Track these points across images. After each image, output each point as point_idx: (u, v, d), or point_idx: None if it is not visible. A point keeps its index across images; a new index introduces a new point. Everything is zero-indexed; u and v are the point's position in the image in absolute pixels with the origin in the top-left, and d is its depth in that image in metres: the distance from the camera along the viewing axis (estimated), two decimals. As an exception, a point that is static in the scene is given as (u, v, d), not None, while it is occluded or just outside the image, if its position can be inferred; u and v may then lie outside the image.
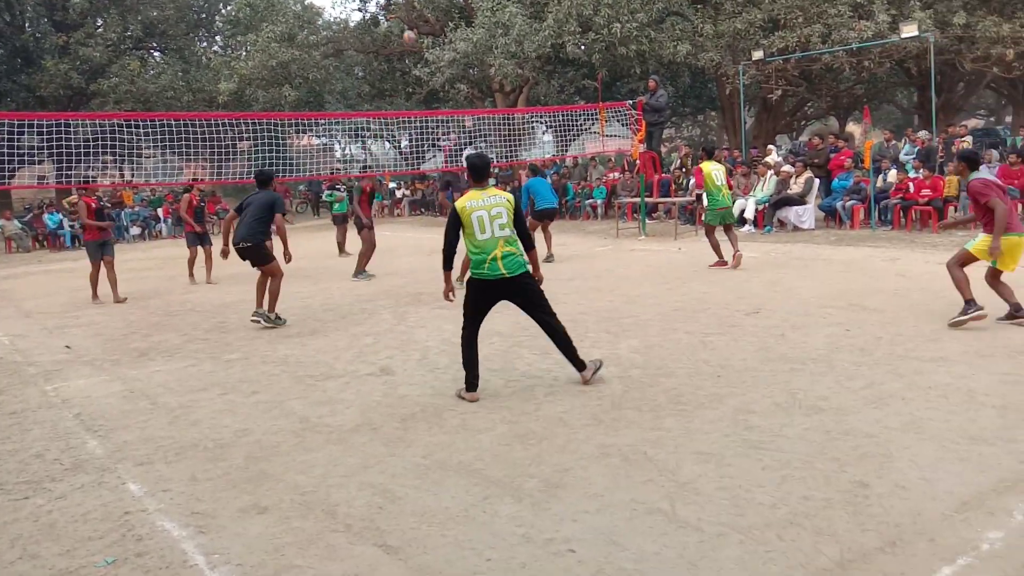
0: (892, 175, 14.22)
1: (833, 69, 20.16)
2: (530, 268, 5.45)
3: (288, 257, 8.65)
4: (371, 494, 3.93)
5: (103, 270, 10.78)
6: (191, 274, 12.21)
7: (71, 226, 21.75)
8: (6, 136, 11.04)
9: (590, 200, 19.99)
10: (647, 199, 15.84)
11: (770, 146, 18.94)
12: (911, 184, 13.58)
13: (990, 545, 3.11)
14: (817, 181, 14.79)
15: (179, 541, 3.54)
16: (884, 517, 3.38)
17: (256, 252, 8.25)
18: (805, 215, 14.42)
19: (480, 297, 5.43)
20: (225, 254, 8.56)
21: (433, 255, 12.41)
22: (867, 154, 13.76)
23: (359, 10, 30.60)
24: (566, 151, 22.03)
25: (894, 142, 16.60)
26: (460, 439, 4.64)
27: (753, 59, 18.14)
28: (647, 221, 15.74)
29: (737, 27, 18.83)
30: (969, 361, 5.56)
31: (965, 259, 6.66)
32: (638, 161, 15.50)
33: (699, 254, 12.14)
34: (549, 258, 12.04)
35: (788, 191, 14.65)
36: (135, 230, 23.18)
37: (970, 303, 6.53)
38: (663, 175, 17.32)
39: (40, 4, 30.25)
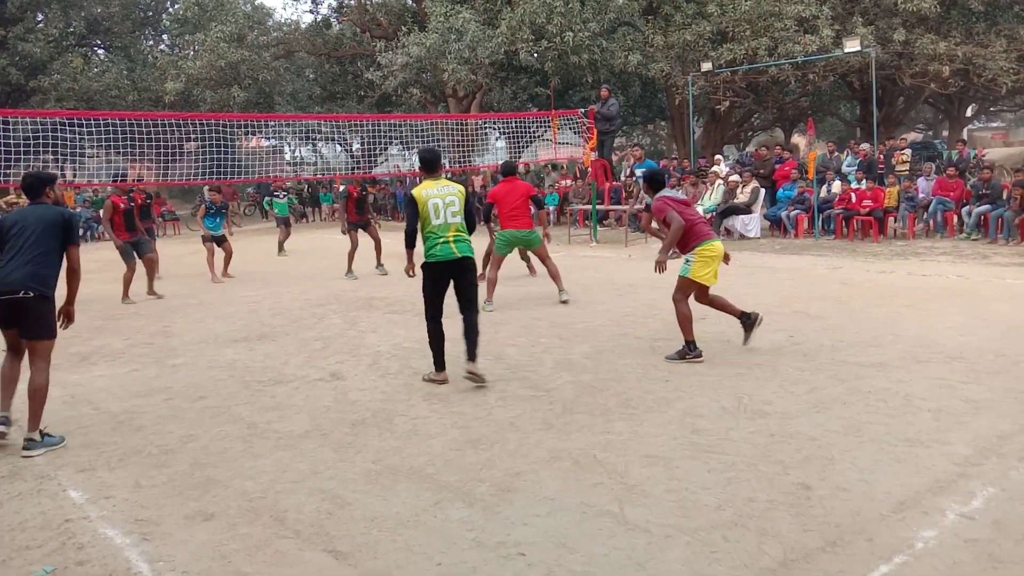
0: (836, 186, 14.62)
1: (779, 82, 20.66)
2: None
3: (70, 317, 5.26)
4: (321, 500, 3.90)
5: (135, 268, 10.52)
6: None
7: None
8: (-59, 133, 10.64)
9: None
10: (598, 206, 16.00)
11: (718, 156, 19.29)
12: (853, 195, 13.98)
13: (924, 544, 3.23)
14: (763, 191, 15.14)
15: (122, 549, 3.47)
16: (825, 518, 3.48)
17: (39, 310, 4.96)
18: (751, 224, 14.73)
19: (435, 278, 5.84)
20: None
21: (387, 260, 12.36)
22: (811, 165, 14.13)
23: (311, 12, 30.24)
24: (519, 157, 22.12)
25: (837, 154, 17.07)
26: (411, 444, 4.63)
27: (702, 70, 18.46)
28: (598, 228, 15.89)
29: (687, 39, 19.15)
30: (907, 366, 5.75)
31: (688, 289, 6.28)
32: (590, 169, 15.65)
33: (649, 261, 12.29)
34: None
35: (735, 200, 14.95)
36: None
37: (690, 344, 6.20)
38: (614, 183, 17.53)
39: (-23, -3, 29.30)
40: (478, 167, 21.79)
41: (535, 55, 20.56)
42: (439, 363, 5.89)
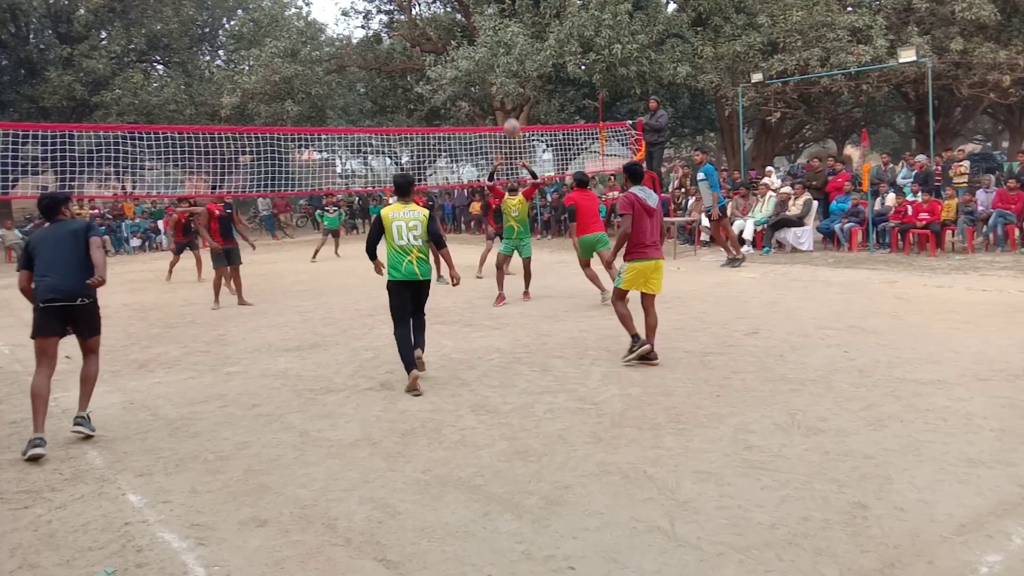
0: (890, 198, 14.30)
1: (831, 92, 20.34)
2: (433, 276, 6.76)
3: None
4: (371, 508, 3.93)
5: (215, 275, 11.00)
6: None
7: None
8: (9, 146, 11.05)
9: (589, 218, 20.03)
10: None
11: (768, 168, 19.03)
12: (909, 207, 13.66)
13: (989, 568, 3.13)
14: (815, 203, 14.88)
15: (179, 553, 3.54)
16: (883, 539, 3.40)
17: (91, 312, 5.56)
18: (803, 237, 14.49)
19: (398, 295, 6.40)
20: None
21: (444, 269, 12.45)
22: (865, 177, 13.85)
23: (362, 27, 30.77)
24: (565, 169, 22.13)
25: (891, 165, 16.71)
26: (460, 455, 4.65)
27: (752, 81, 18.28)
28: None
29: (737, 50, 18.99)
30: (967, 384, 5.58)
31: (621, 294, 6.76)
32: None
33: (698, 273, 12.18)
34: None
35: (787, 212, 14.72)
36: (135, 242, 23.22)
37: (634, 337, 6.68)
38: (662, 195, 17.40)
39: (45, 16, 30.43)
40: (525, 179, 21.84)
41: (583, 67, 20.59)
42: (408, 365, 6.21)
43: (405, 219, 6.34)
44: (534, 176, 11.05)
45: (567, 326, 8.43)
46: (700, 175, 13.34)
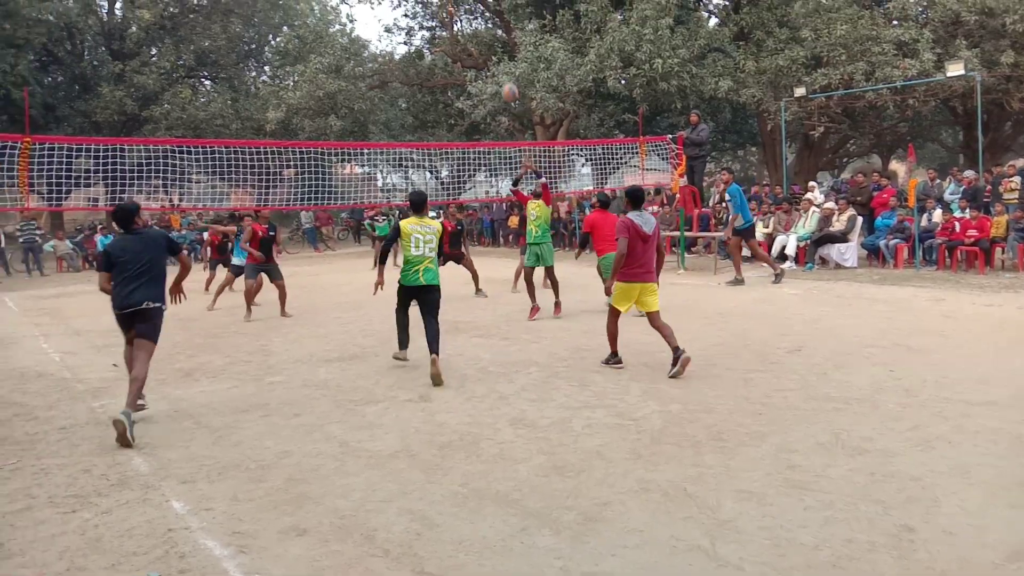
0: (937, 214, 14.02)
1: (876, 107, 20.04)
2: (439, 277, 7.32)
3: (182, 291, 6.75)
4: (409, 520, 3.95)
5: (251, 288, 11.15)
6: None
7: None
8: (65, 159, 11.40)
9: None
10: (687, 233, 15.80)
11: (811, 183, 18.79)
12: (957, 224, 13.37)
13: (1043, 596, 3.03)
14: (860, 219, 14.64)
15: (221, 560, 3.59)
16: (931, 563, 3.31)
17: (153, 317, 6.17)
18: (848, 253, 14.25)
19: (404, 296, 7.36)
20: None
21: (468, 285, 12.51)
22: (911, 193, 13.59)
23: (405, 43, 31.17)
24: (604, 184, 22.12)
25: (939, 181, 16.37)
26: (497, 468, 4.65)
27: (795, 95, 18.10)
28: (686, 255, 15.68)
29: (779, 64, 18.83)
30: (1019, 406, 5.43)
31: (614, 311, 7.09)
32: (678, 195, 15.49)
33: (739, 289, 12.05)
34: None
35: (830, 228, 14.51)
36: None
37: (614, 354, 7.16)
38: (703, 209, 17.26)
39: (99, 34, 31.42)
40: (563, 193, 21.86)
41: (623, 82, 20.58)
42: (403, 342, 7.43)
43: (422, 232, 7.10)
44: (538, 175, 10.99)
45: (605, 340, 8.38)
46: (727, 196, 13.16)
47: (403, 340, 7.49)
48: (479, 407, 6.01)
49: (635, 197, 7.15)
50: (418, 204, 7.30)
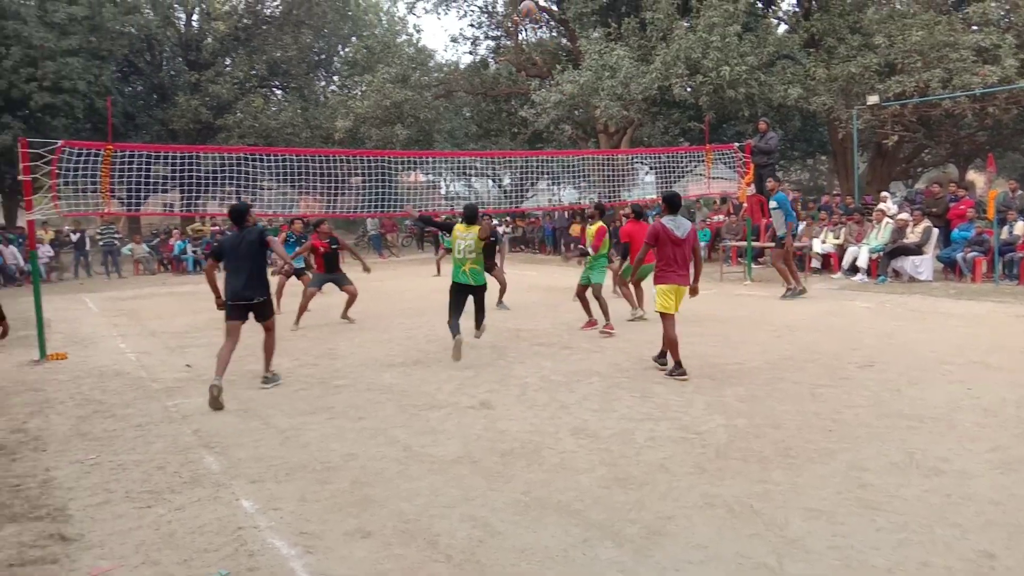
0: (1019, 227, 13.44)
1: (953, 115, 19.31)
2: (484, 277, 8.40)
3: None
4: (471, 526, 3.97)
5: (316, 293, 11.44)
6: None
7: (194, 252, 23.07)
8: (142, 166, 11.82)
9: (693, 243, 19.73)
10: (754, 243, 15.52)
11: (884, 193, 18.24)
12: (1040, 237, 12.81)
13: None
14: (936, 231, 14.15)
15: (288, 559, 3.67)
16: (1013, 591, 3.17)
17: (266, 304, 7.29)
18: (922, 266, 13.79)
19: (455, 292, 8.26)
20: (221, 305, 7.22)
21: (531, 291, 12.53)
22: (991, 204, 13.08)
23: (470, 53, 31.40)
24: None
25: (1021, 192, 15.70)
26: (559, 478, 4.63)
27: (868, 104, 17.63)
28: (753, 266, 15.41)
29: (851, 71, 18.37)
30: (1109, 429, 5.16)
31: (664, 318, 7.22)
32: (745, 204, 15.23)
33: (808, 302, 11.77)
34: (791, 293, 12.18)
35: (904, 240, 14.07)
36: (250, 257, 24.30)
37: (678, 364, 7.14)
38: (768, 219, 16.91)
39: (176, 45, 32.61)
40: (625, 202, 21.72)
41: (689, 89, 20.35)
42: (455, 332, 8.05)
43: (464, 238, 8.13)
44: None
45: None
46: (772, 203, 12.70)
47: (456, 332, 8.10)
48: (540, 415, 6.00)
49: (671, 202, 7.39)
50: (469, 216, 8.26)
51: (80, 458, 5.28)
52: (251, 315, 7.19)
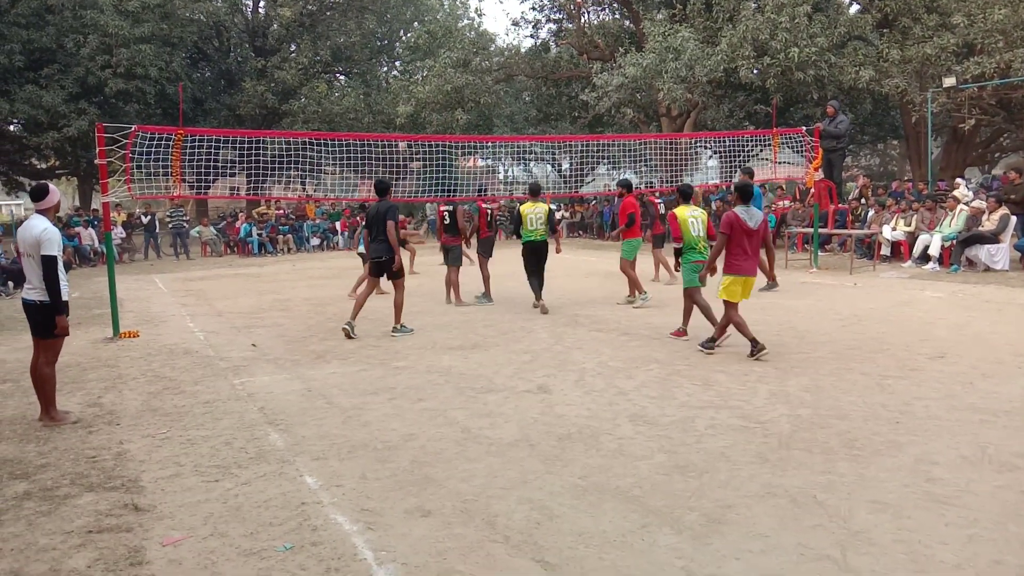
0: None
1: (1037, 98, 18.49)
2: (549, 240, 10.53)
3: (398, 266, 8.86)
4: (529, 509, 3.98)
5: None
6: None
7: (259, 234, 23.62)
8: (210, 150, 12.12)
9: (756, 229, 19.36)
10: (821, 230, 15.13)
11: (958, 179, 17.55)
12: None
13: None
14: (1014, 219, 13.56)
15: (350, 535, 3.74)
16: (1093, 593, 3.05)
17: (391, 264, 8.87)
18: (998, 255, 13.24)
19: (528, 253, 10.49)
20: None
21: (590, 277, 12.46)
22: (1076, 191, 12.47)
23: (531, 36, 31.23)
24: (732, 177, 21.50)
25: (1108, 178, 14.93)
26: (617, 463, 4.61)
27: (944, 86, 16.98)
28: (819, 253, 15.03)
29: (927, 52, 17.70)
30: None
31: (727, 305, 7.36)
32: (812, 189, 14.85)
33: (877, 291, 11.44)
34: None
35: (979, 228, 13.53)
36: (315, 241, 24.79)
37: (753, 341, 7.24)
38: (840, 205, 16.46)
39: (243, 31, 33.31)
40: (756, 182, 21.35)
41: (756, 72, 19.89)
42: (537, 295, 10.47)
43: (534, 211, 10.29)
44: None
45: (730, 340, 8.17)
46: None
47: (537, 292, 10.41)
48: (598, 401, 5.98)
49: (744, 192, 7.43)
50: (534, 192, 10.55)
51: (152, 432, 5.48)
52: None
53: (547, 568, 3.37)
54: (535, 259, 10.37)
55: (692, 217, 8.34)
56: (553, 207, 10.34)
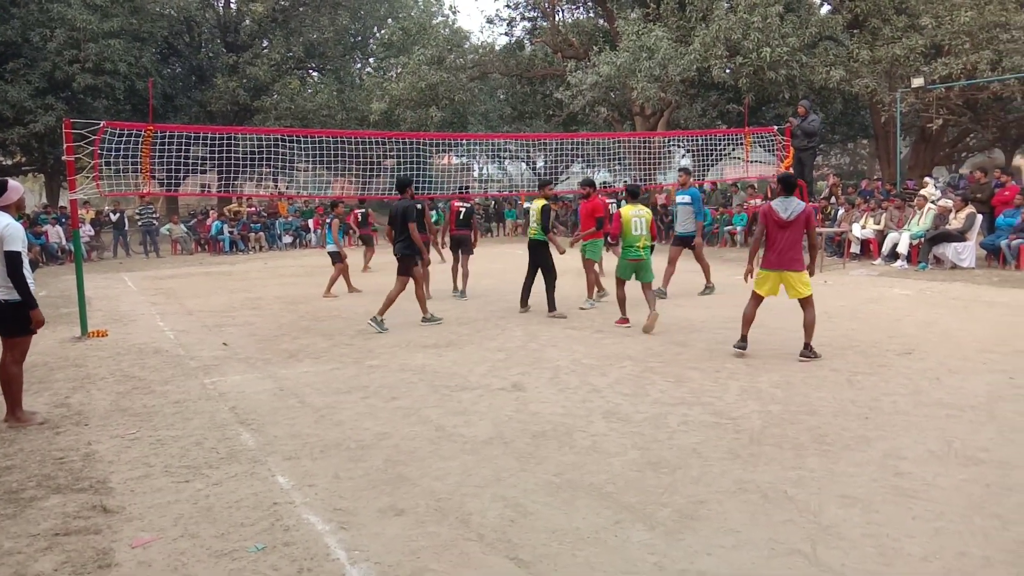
0: (1068, 214, 13.08)
1: (1002, 98, 18.85)
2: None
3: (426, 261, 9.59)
4: (503, 507, 3.99)
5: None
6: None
7: (230, 232, 23.37)
8: (181, 147, 11.97)
9: (729, 227, 19.55)
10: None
11: (926, 178, 17.85)
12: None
13: None
14: (979, 217, 13.82)
15: (323, 535, 3.72)
16: (1055, 584, 3.11)
17: (407, 260, 9.23)
18: (965, 253, 13.49)
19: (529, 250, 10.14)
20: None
21: (563, 276, 12.44)
22: (1039, 190, 12.73)
23: (506, 34, 31.24)
24: (704, 176, 21.67)
25: (1071, 178, 15.28)
26: (591, 460, 4.63)
27: (912, 86, 17.24)
28: (789, 251, 15.17)
29: (896, 53, 17.97)
30: None
31: (754, 296, 7.30)
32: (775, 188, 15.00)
33: (847, 288, 11.59)
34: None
35: (947, 226, 13.76)
36: (287, 239, 24.58)
37: (742, 339, 7.28)
38: (812, 204, 16.64)
39: (215, 26, 32.93)
40: (661, 185, 21.55)
41: (728, 71, 20.07)
42: (522, 302, 10.18)
43: (533, 208, 9.91)
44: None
45: (703, 337, 8.25)
46: (685, 197, 11.48)
47: (522, 297, 10.19)
48: (572, 399, 6.00)
49: (787, 184, 7.22)
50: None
51: (121, 433, 5.40)
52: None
53: (521, 565, 3.38)
54: (530, 258, 9.97)
55: (636, 217, 8.90)
56: (547, 203, 9.87)
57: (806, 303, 7.06)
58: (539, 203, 9.86)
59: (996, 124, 22.87)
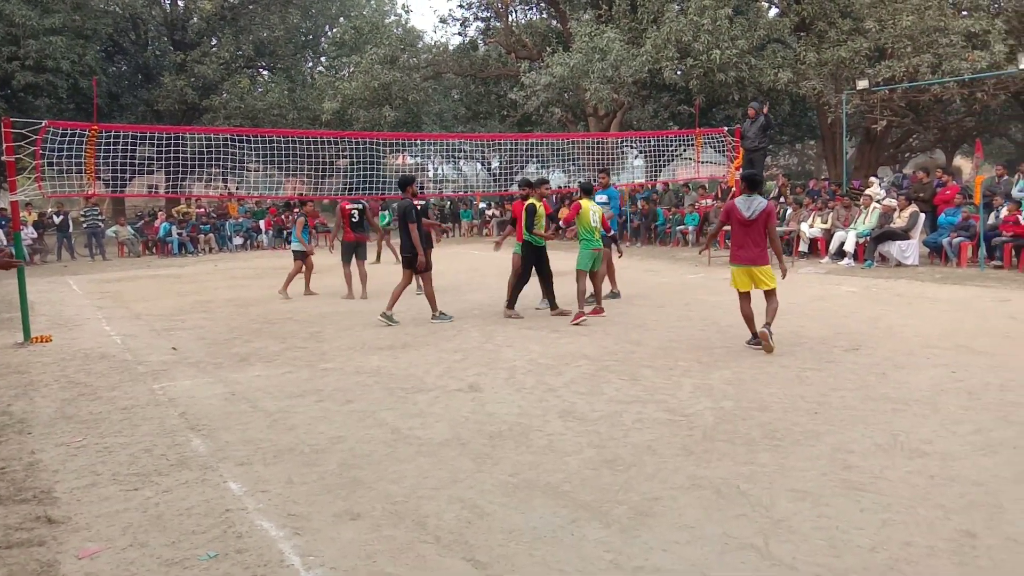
0: (1005, 212, 13.54)
1: (942, 100, 19.42)
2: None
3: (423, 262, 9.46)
4: (460, 508, 3.98)
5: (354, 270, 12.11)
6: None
7: (179, 234, 22.90)
8: (127, 147, 11.69)
9: (681, 227, 19.80)
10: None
11: (872, 178, 18.32)
12: (1021, 218, 12.88)
13: (1115, 610, 2.92)
14: (922, 216, 14.23)
15: (276, 541, 3.67)
16: (993, 570, 3.22)
17: (410, 261, 9.47)
18: (909, 250, 13.87)
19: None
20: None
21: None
22: (978, 189, 13.16)
23: (459, 34, 31.18)
24: (656, 176, 21.91)
25: (1007, 177, 15.81)
26: (547, 460, 4.65)
27: (857, 88, 17.66)
28: (740, 250, 15.42)
29: (841, 55, 18.39)
30: (1090, 412, 5.22)
31: (739, 294, 7.64)
32: (734, 188, 15.25)
33: (796, 286, 11.82)
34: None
35: (891, 225, 14.14)
36: (238, 240, 24.18)
37: (754, 335, 7.56)
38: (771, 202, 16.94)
39: (162, 24, 32.21)
40: (615, 184, 21.70)
41: (679, 73, 20.33)
42: (508, 302, 9.91)
43: (595, 209, 9.53)
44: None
45: (657, 335, 8.34)
46: (602, 197, 11.15)
47: (509, 297, 9.92)
48: (528, 399, 6.01)
49: (751, 181, 7.59)
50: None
51: (66, 441, 5.25)
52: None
53: (478, 567, 3.37)
54: (523, 262, 9.77)
55: (593, 210, 9.48)
56: (532, 203, 9.71)
57: (770, 295, 7.44)
58: (530, 203, 9.68)
59: (937, 125, 23.57)
